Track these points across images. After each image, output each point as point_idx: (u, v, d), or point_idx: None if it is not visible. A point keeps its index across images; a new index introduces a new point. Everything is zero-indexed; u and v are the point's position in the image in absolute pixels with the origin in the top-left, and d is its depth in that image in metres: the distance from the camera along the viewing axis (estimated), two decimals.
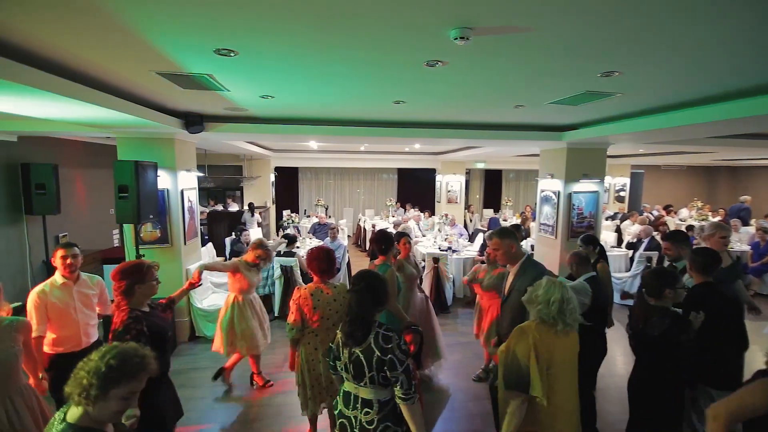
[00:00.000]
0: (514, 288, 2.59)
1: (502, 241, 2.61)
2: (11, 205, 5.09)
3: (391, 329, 1.85)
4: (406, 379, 1.75)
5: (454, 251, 6.73)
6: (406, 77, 2.73)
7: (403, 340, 1.84)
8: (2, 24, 1.84)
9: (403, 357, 1.76)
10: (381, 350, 1.76)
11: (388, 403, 1.84)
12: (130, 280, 2.13)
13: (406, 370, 1.76)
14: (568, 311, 1.96)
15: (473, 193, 14.24)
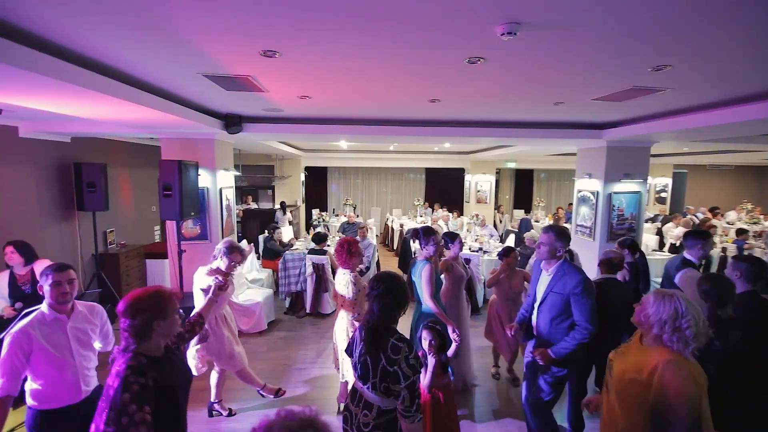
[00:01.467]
0: (551, 291, 2.50)
1: (557, 239, 2.50)
2: (65, 202, 5.44)
3: (405, 340, 1.75)
4: (408, 396, 1.66)
5: (485, 252, 6.62)
6: (446, 75, 2.71)
7: (414, 354, 1.72)
8: (64, 28, 1.96)
9: (409, 372, 1.67)
10: (388, 360, 1.69)
11: (389, 413, 1.75)
12: (147, 315, 1.52)
13: (411, 386, 1.66)
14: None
15: (503, 193, 13.96)
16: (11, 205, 4.62)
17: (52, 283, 2.00)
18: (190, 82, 3.01)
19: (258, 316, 5.21)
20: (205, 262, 4.98)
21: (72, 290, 2.07)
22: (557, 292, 2.46)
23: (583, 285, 2.40)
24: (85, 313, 2.19)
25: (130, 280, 6.21)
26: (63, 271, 2.04)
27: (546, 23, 1.81)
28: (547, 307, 2.54)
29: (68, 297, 2.05)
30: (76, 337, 2.11)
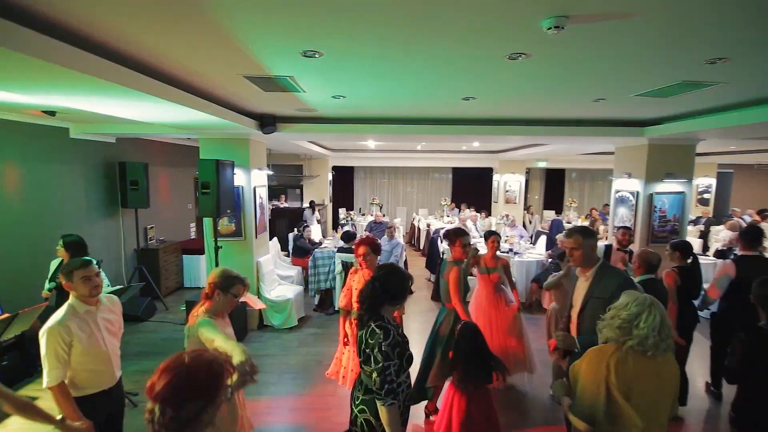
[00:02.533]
0: (591, 296, 2.31)
1: (584, 240, 2.32)
2: (110, 199, 5.74)
3: (384, 326, 1.79)
4: (378, 380, 1.74)
5: (516, 253, 6.48)
6: (484, 72, 2.67)
7: (390, 343, 1.76)
8: (113, 31, 2.07)
9: (380, 358, 1.74)
10: (365, 343, 1.81)
11: (373, 392, 1.83)
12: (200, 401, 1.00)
13: (381, 371, 1.74)
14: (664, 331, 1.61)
15: (533, 194, 13.62)
16: (63, 201, 4.93)
17: (83, 278, 2.09)
18: (230, 84, 3.11)
19: (289, 312, 5.32)
20: (239, 259, 5.17)
21: (100, 283, 2.18)
22: (598, 297, 2.27)
23: (627, 285, 2.23)
24: (108, 305, 2.32)
25: (168, 275, 6.49)
26: (89, 266, 2.14)
27: (595, 15, 1.75)
28: (588, 315, 2.35)
29: (99, 290, 2.18)
30: (105, 326, 2.24)
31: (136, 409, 3.53)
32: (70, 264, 2.12)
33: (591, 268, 2.34)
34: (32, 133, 4.48)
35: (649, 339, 1.58)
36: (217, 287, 2.03)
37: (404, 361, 1.84)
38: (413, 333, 5.27)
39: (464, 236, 3.26)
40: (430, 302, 6.50)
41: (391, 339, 1.76)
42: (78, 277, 2.08)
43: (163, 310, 5.89)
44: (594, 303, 2.29)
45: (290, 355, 4.62)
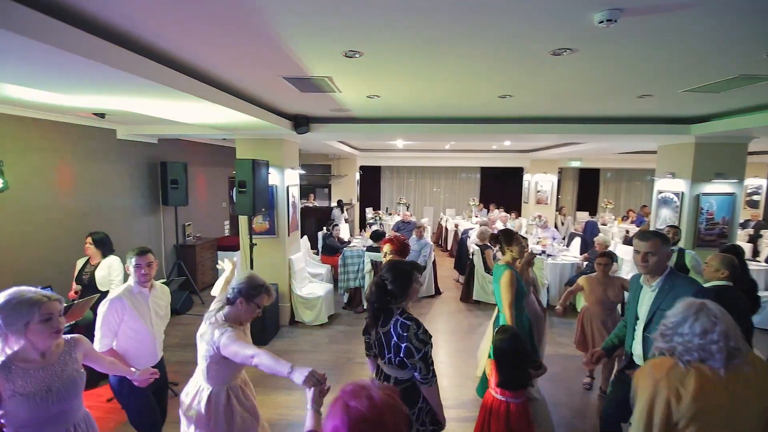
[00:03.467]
0: (659, 308, 2.09)
1: (662, 245, 2.10)
2: (152, 197, 6.02)
3: (412, 318, 1.88)
4: (424, 366, 1.83)
5: (549, 255, 6.30)
6: (525, 69, 2.61)
7: (423, 330, 1.85)
8: (158, 33, 2.16)
9: (420, 346, 1.82)
10: (398, 337, 1.86)
11: (405, 382, 1.91)
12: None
13: (424, 357, 1.83)
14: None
15: (565, 194, 13.21)
16: (111, 199, 5.21)
17: (135, 266, 2.36)
18: (269, 86, 3.19)
19: (319, 309, 5.40)
20: (272, 256, 5.30)
21: (150, 271, 2.40)
22: (666, 310, 1.96)
23: (703, 296, 1.97)
24: (160, 292, 2.57)
25: (204, 270, 6.74)
26: (143, 255, 2.37)
27: (651, 7, 1.67)
28: (655, 330, 2.13)
29: (148, 278, 2.39)
30: (155, 309, 2.48)
31: (175, 399, 3.69)
32: (131, 251, 2.38)
33: (659, 277, 2.14)
34: (83, 135, 4.77)
35: (694, 346, 1.42)
36: (241, 294, 1.90)
37: None
38: (440, 333, 5.24)
39: (517, 238, 3.19)
40: (459, 303, 6.43)
41: (421, 326, 1.88)
42: (132, 264, 2.35)
43: (200, 304, 6.12)
44: (662, 316, 1.95)
45: (321, 352, 4.69)
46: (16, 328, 1.57)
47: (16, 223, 3.96)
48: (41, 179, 4.23)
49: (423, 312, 6.00)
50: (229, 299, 1.94)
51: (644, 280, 2.21)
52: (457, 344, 4.91)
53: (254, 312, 1.96)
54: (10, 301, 1.58)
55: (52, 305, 1.63)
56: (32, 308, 1.57)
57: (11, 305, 1.57)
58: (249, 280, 1.94)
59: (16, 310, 1.57)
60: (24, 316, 1.57)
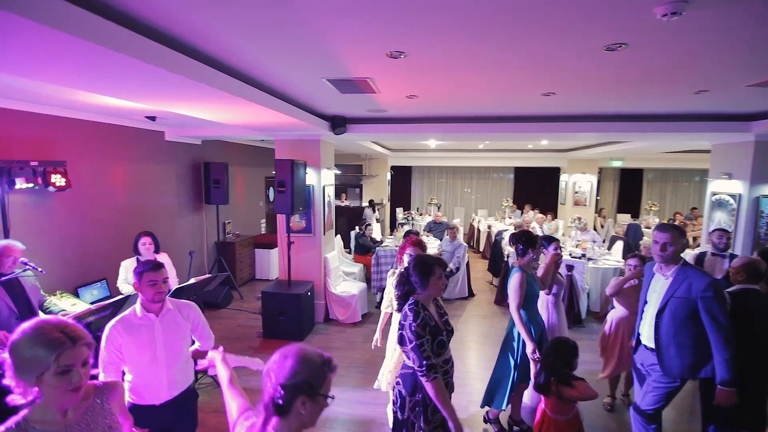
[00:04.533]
0: (673, 296, 2.33)
1: (680, 236, 2.36)
2: (196, 196, 6.31)
3: (414, 308, 1.94)
4: (416, 357, 1.89)
5: (590, 259, 6.05)
6: (575, 65, 2.53)
7: (420, 323, 1.90)
8: (211, 38, 2.25)
9: (412, 336, 1.89)
10: (399, 324, 1.99)
11: (409, 368, 2.00)
12: None
13: (415, 348, 1.88)
14: None
15: (605, 196, 12.65)
16: (159, 197, 5.51)
17: (149, 282, 2.00)
18: (311, 87, 3.26)
19: (354, 307, 5.46)
20: (308, 254, 5.41)
21: (165, 289, 2.06)
22: (680, 297, 2.28)
23: (715, 287, 2.22)
24: (175, 312, 2.13)
25: (242, 266, 6.99)
26: (158, 271, 2.02)
27: None
28: (669, 315, 2.35)
29: (162, 296, 2.05)
30: (164, 336, 2.06)
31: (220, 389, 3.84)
32: (143, 264, 2.04)
33: (673, 266, 2.36)
34: (135, 137, 5.06)
35: None
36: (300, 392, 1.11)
37: (435, 344, 1.94)
38: (474, 336, 5.16)
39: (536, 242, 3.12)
40: (493, 306, 6.31)
41: (420, 320, 1.92)
42: (146, 279, 2.00)
43: (238, 299, 6.35)
44: (675, 303, 2.32)
45: (355, 350, 4.74)
46: (26, 378, 1.15)
47: (77, 219, 4.27)
48: (98, 178, 4.53)
49: (456, 314, 5.93)
50: (277, 404, 1.10)
51: (657, 268, 2.44)
52: (493, 349, 4.80)
53: (322, 408, 1.18)
54: (23, 342, 1.15)
55: (76, 353, 1.18)
56: (48, 355, 1.13)
57: (24, 348, 1.14)
58: (305, 364, 1.15)
59: (29, 355, 1.14)
60: (36, 366, 1.14)
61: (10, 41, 1.58)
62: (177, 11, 1.78)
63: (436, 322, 2.00)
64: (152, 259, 3.83)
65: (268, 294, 4.95)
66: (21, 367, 1.14)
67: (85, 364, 1.22)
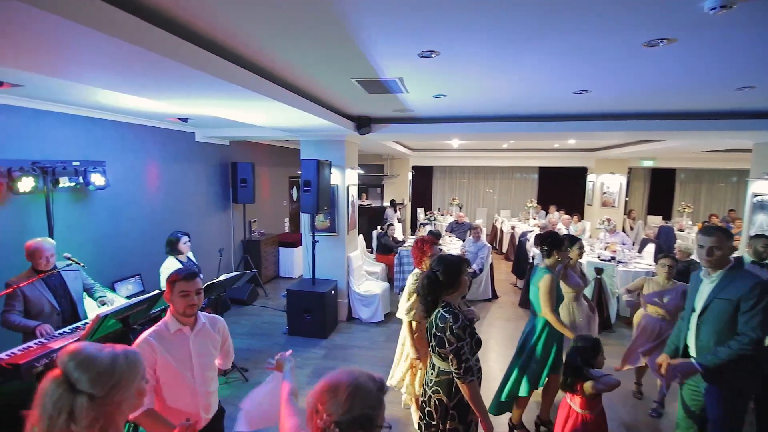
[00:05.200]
0: (716, 297, 2.19)
1: (727, 239, 2.23)
2: (223, 195, 6.48)
3: (452, 311, 1.93)
4: (455, 360, 1.89)
5: (620, 262, 5.86)
6: (612, 62, 2.45)
7: (459, 325, 1.89)
8: (250, 43, 2.30)
9: (453, 340, 1.89)
10: (436, 327, 1.96)
11: (446, 374, 1.99)
12: None
13: (456, 351, 1.88)
14: None
15: (634, 196, 12.23)
16: (189, 196, 5.68)
17: (181, 293, 1.82)
18: (339, 88, 3.29)
19: (376, 306, 5.48)
20: (332, 253, 5.47)
21: (199, 301, 1.87)
22: (724, 298, 2.15)
23: (761, 288, 2.07)
24: (207, 326, 1.96)
25: (267, 264, 7.13)
26: (191, 281, 1.84)
27: None
28: (711, 317, 2.21)
29: (195, 309, 1.86)
30: (198, 352, 1.88)
31: (249, 384, 3.94)
32: (176, 272, 1.87)
33: (720, 270, 2.23)
34: (168, 138, 5.24)
35: None
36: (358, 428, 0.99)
37: (474, 342, 1.97)
38: (497, 339, 5.08)
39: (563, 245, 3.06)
40: (517, 309, 6.20)
41: (460, 322, 1.92)
42: (178, 289, 1.82)
43: (263, 296, 6.48)
44: (719, 304, 2.19)
45: (378, 349, 4.75)
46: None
47: (114, 217, 4.45)
48: (134, 177, 4.72)
49: (479, 316, 5.86)
50: None
51: (704, 273, 2.30)
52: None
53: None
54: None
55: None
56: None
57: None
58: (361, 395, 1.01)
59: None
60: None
61: (62, 45, 1.66)
62: (221, 16, 1.83)
63: (469, 321, 2.01)
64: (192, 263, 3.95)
65: (293, 292, 5.03)
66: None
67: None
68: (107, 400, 0.98)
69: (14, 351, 2.63)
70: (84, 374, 0.96)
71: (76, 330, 2.93)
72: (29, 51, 1.74)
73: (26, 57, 1.83)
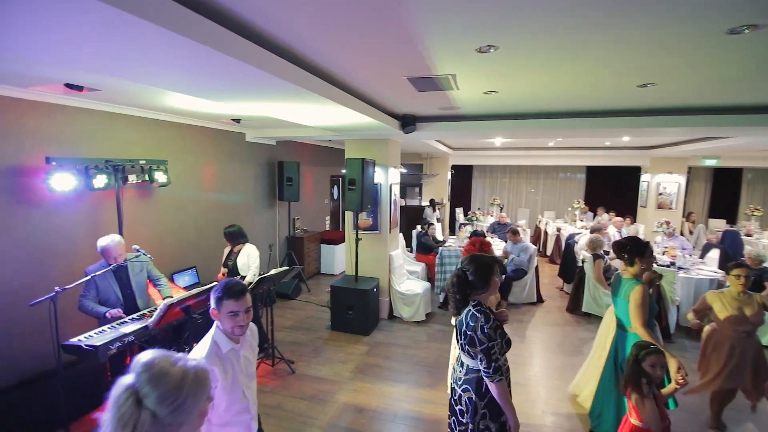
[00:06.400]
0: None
1: None
2: (270, 193, 6.72)
3: (483, 310, 1.94)
4: (485, 359, 1.89)
5: (681, 268, 5.46)
6: (686, 52, 2.28)
7: (491, 325, 1.89)
8: (298, 35, 2.35)
9: (484, 339, 1.89)
10: (466, 326, 1.96)
11: (475, 372, 1.99)
12: None
13: (485, 350, 1.89)
14: None
15: (694, 198, 11.35)
16: (239, 194, 5.94)
17: (230, 313, 1.67)
18: (388, 86, 3.30)
19: (418, 305, 5.46)
20: (374, 251, 5.51)
21: (248, 320, 1.72)
22: None
23: None
24: (250, 339, 1.85)
25: (310, 261, 7.31)
26: (240, 299, 1.68)
27: None
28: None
29: (244, 330, 1.71)
30: (246, 366, 1.79)
31: (295, 376, 4.06)
32: (224, 289, 1.69)
33: None
34: (221, 138, 5.51)
35: None
36: None
37: (504, 342, 1.96)
38: (543, 344, 4.89)
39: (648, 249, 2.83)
40: (564, 314, 5.94)
41: (491, 322, 1.92)
42: (226, 309, 1.67)
43: (306, 292, 6.65)
44: None
45: (421, 348, 4.73)
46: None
47: (174, 213, 4.74)
48: (192, 176, 5.00)
49: (524, 320, 5.68)
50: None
51: None
52: (566, 358, 4.53)
53: None
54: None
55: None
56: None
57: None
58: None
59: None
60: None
61: (134, 44, 1.78)
62: (282, 17, 1.89)
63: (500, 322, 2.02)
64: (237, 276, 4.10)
65: (337, 288, 5.12)
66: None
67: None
68: (169, 421, 0.97)
69: (91, 334, 2.87)
70: (153, 390, 0.96)
71: (143, 317, 3.16)
72: (107, 54, 1.88)
73: (109, 62, 1.99)
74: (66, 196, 3.45)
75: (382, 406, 3.57)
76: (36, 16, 1.40)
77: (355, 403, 3.61)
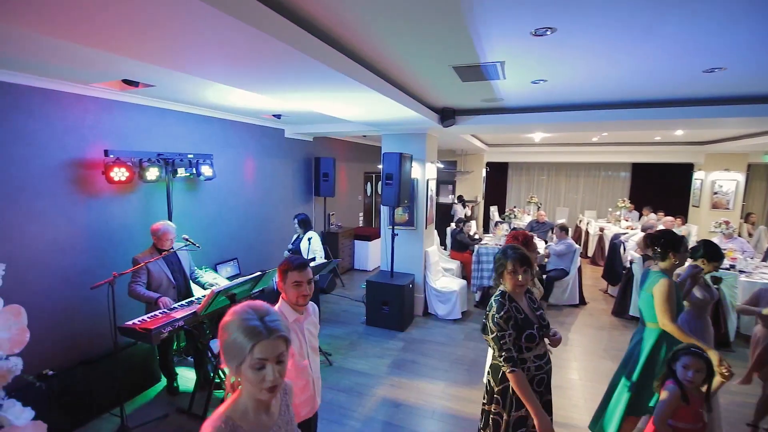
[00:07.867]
0: None
1: None
2: (307, 188, 6.82)
3: (499, 300, 1.95)
4: (496, 347, 1.92)
5: (742, 272, 5.04)
6: (763, 30, 2.07)
7: (503, 316, 1.90)
8: (349, 26, 2.33)
9: (494, 328, 1.92)
10: (489, 310, 1.99)
11: (496, 358, 2.00)
12: None
13: (496, 339, 1.91)
14: None
15: (753, 198, 10.48)
16: (278, 189, 6.06)
17: (294, 283, 1.80)
18: (432, 76, 3.23)
19: (453, 303, 5.36)
20: (410, 247, 5.46)
21: (310, 291, 1.84)
22: None
23: None
24: (312, 314, 1.97)
25: (343, 256, 7.36)
26: (303, 270, 1.82)
27: None
28: None
29: (307, 299, 1.84)
30: (310, 340, 1.91)
31: (332, 368, 4.09)
32: (289, 262, 1.83)
33: None
34: (262, 134, 5.64)
35: None
36: None
37: (524, 338, 1.92)
38: (584, 348, 4.65)
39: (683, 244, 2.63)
40: (610, 317, 5.64)
41: (504, 312, 1.92)
42: (291, 280, 1.80)
43: (341, 286, 6.71)
44: None
45: (458, 347, 4.64)
46: (231, 365, 1.06)
47: (217, 205, 4.90)
48: (234, 170, 5.15)
49: (566, 321, 5.45)
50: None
51: None
52: (610, 365, 4.28)
53: None
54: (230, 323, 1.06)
55: (272, 345, 1.04)
56: (244, 345, 1.03)
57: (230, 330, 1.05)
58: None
59: (232, 339, 1.04)
60: (237, 353, 1.04)
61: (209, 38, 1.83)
62: (340, 9, 1.88)
63: (527, 314, 1.97)
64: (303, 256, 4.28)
65: (372, 283, 5.11)
66: (227, 351, 1.05)
67: (280, 361, 1.06)
68: None
69: (144, 318, 3.01)
70: None
71: (191, 303, 3.28)
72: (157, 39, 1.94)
73: (170, 54, 2.05)
74: (121, 187, 3.64)
75: (420, 402, 3.53)
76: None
77: (393, 397, 3.59)
